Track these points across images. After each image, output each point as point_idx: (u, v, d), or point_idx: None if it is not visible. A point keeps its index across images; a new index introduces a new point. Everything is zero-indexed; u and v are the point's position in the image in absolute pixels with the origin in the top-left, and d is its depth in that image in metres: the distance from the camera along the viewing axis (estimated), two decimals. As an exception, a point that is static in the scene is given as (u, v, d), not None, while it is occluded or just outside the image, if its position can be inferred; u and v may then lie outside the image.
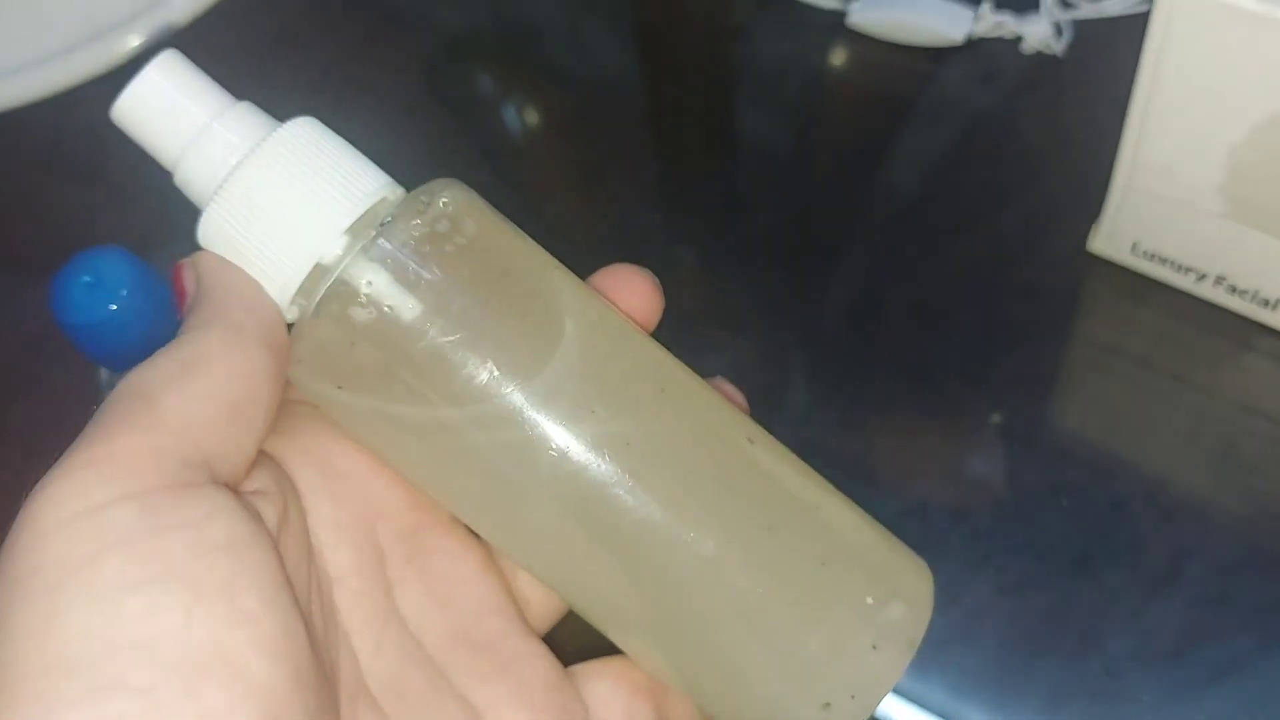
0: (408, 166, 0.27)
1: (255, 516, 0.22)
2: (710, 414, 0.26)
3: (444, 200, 0.25)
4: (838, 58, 0.52)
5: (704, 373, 0.27)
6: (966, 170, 0.48)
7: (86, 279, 0.34)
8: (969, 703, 0.36)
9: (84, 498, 0.21)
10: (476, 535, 0.28)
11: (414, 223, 0.24)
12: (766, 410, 0.42)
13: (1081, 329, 0.44)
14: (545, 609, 0.28)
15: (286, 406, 0.26)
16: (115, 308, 0.34)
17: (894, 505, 0.39)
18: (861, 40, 0.51)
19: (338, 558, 0.25)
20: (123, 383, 0.23)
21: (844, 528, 0.26)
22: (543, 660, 0.27)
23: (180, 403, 0.22)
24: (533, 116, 0.54)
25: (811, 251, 0.47)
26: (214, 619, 0.20)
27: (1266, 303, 0.40)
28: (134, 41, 0.51)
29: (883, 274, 0.46)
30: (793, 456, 0.27)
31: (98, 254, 0.35)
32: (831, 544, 0.26)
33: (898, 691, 0.36)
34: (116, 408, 0.22)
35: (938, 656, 0.36)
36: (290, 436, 0.26)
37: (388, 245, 0.24)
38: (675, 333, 0.27)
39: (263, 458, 0.25)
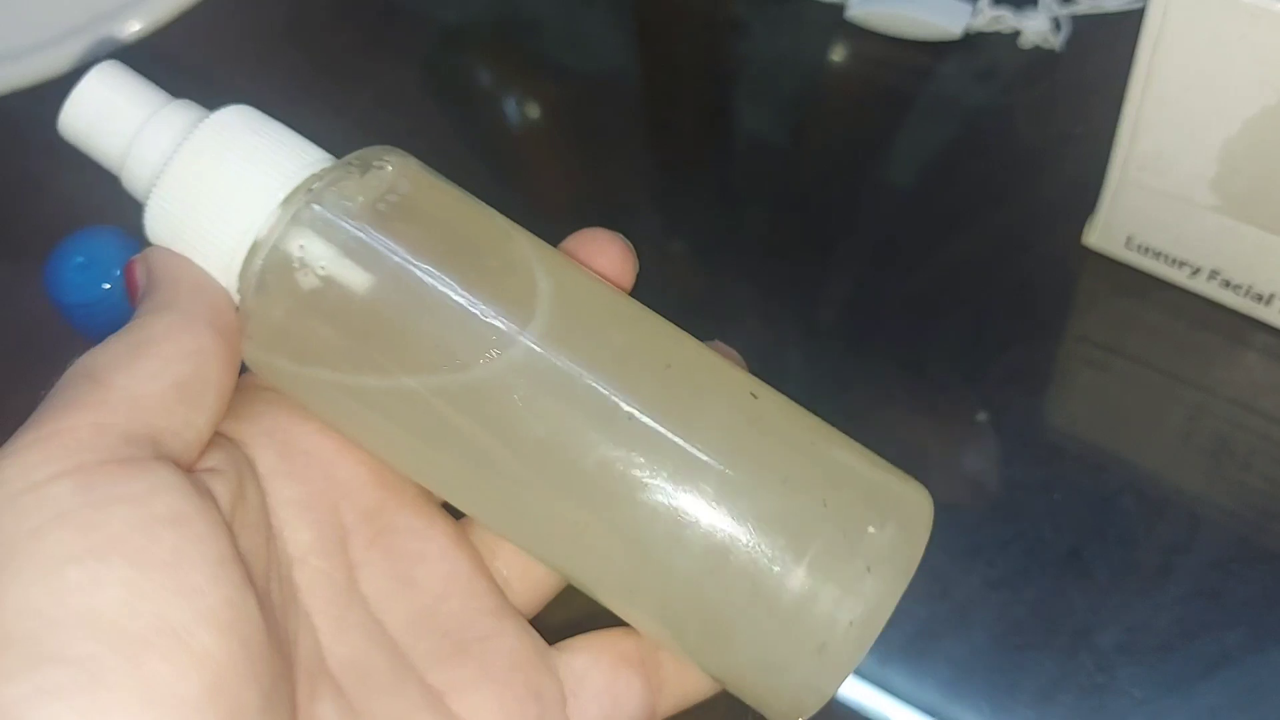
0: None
1: (204, 493, 0.22)
2: (706, 367, 0.26)
3: (377, 163, 0.25)
4: (836, 51, 0.52)
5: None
6: (963, 164, 0.48)
7: (79, 259, 0.34)
8: (958, 696, 0.36)
9: (26, 475, 0.21)
10: (445, 513, 0.27)
11: (344, 185, 0.24)
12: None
13: (1076, 324, 0.44)
14: (529, 589, 0.28)
15: (249, 392, 0.26)
16: (108, 286, 0.34)
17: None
18: (860, 34, 0.51)
19: (299, 538, 0.25)
20: (72, 366, 0.23)
21: (841, 463, 0.26)
22: (511, 638, 0.26)
23: (127, 381, 0.22)
24: (531, 109, 0.54)
25: (807, 245, 0.47)
26: (156, 591, 0.20)
27: (1260, 298, 0.40)
28: (134, 27, 0.51)
29: (878, 268, 0.46)
30: (796, 406, 0.26)
31: (90, 234, 0.35)
32: (831, 481, 0.25)
33: (885, 685, 0.36)
34: (65, 389, 0.22)
35: (927, 649, 0.36)
36: (251, 420, 0.26)
37: (318, 209, 0.24)
38: (671, 323, 0.27)
39: (220, 439, 0.25)
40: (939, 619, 0.36)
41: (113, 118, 0.25)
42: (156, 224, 0.25)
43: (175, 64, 0.53)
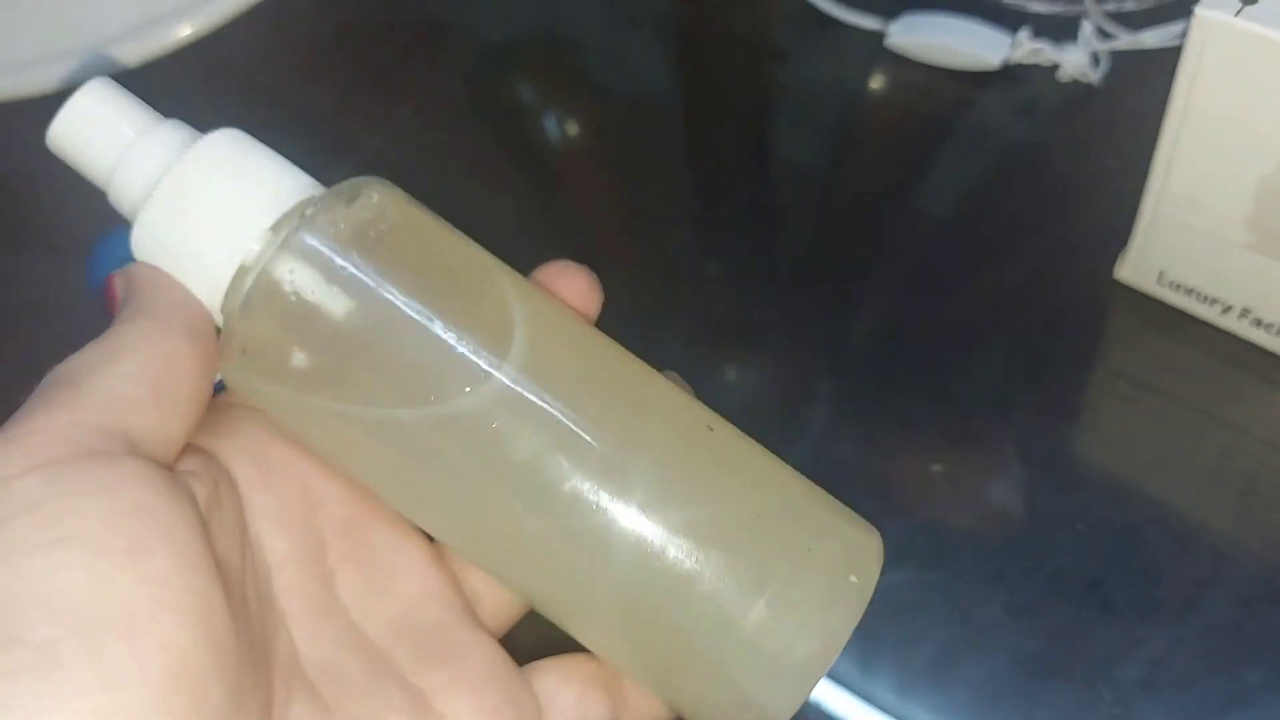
0: (445, 176, 0.27)
1: (178, 489, 0.22)
2: (668, 401, 0.26)
3: (367, 194, 0.25)
4: (875, 79, 0.52)
5: (734, 382, 0.27)
6: (998, 196, 0.49)
7: (120, 254, 0.35)
8: (974, 722, 0.36)
9: None
10: (418, 530, 0.28)
11: (335, 214, 0.24)
12: (788, 423, 0.42)
13: (1105, 357, 0.44)
14: (499, 608, 0.28)
15: (225, 410, 0.26)
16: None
17: (908, 521, 0.39)
18: (899, 62, 0.52)
19: (275, 546, 0.25)
20: (49, 374, 0.23)
21: (804, 504, 0.27)
22: (488, 649, 0.27)
23: (102, 382, 0.23)
24: (571, 128, 0.55)
25: (841, 271, 0.47)
26: (118, 577, 0.20)
27: (1291, 337, 0.40)
28: (184, 30, 0.52)
29: (910, 296, 0.46)
30: (749, 440, 0.27)
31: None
32: (796, 520, 0.26)
33: (903, 707, 0.36)
34: (40, 393, 0.23)
35: (945, 674, 0.36)
36: (227, 436, 0.26)
37: (308, 238, 0.24)
38: (703, 344, 0.27)
39: (196, 450, 0.25)
40: (958, 643, 0.37)
41: (103, 133, 0.25)
42: (144, 242, 0.25)
43: (223, 69, 0.54)
